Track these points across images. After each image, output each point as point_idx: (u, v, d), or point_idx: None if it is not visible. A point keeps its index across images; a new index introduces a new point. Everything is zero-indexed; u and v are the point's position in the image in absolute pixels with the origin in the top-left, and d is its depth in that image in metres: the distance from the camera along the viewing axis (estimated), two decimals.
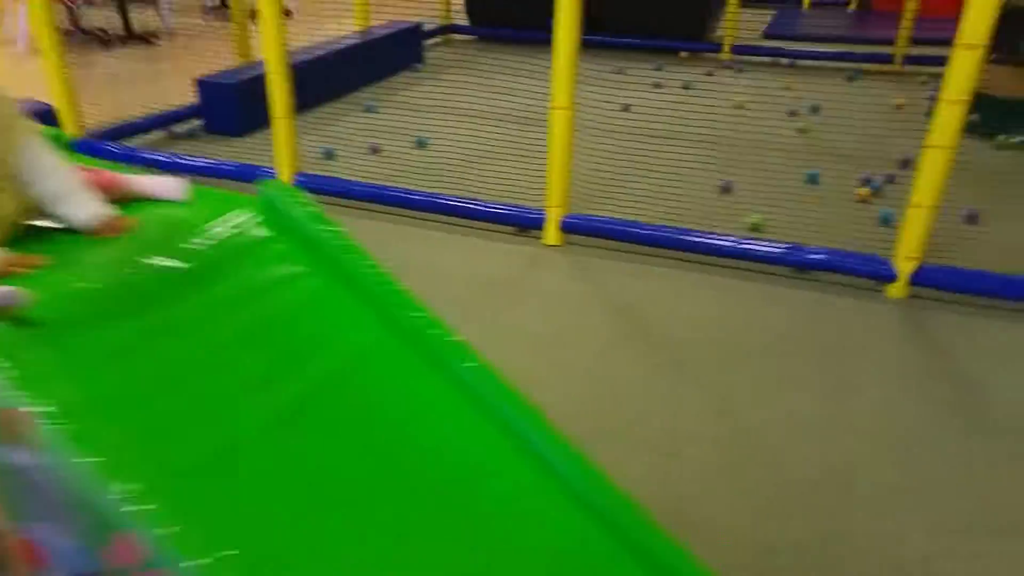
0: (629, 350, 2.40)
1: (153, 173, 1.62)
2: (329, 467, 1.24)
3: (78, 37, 6.50)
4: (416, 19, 5.81)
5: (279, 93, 3.23)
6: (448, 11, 6.75)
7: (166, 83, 4.53)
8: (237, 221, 1.49)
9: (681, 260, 2.89)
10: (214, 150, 3.91)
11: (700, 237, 2.86)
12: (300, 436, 1.25)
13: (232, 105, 4.15)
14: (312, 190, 3.28)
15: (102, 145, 3.85)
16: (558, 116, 2.84)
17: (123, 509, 1.04)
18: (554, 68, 2.78)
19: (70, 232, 1.38)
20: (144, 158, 3.78)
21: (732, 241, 2.84)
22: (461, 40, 6.78)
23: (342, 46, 5.04)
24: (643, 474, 1.85)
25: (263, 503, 1.16)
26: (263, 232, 1.49)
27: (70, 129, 3.84)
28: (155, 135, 4.21)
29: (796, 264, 2.78)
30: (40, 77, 3.74)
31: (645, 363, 2.33)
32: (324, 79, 4.63)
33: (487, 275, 2.83)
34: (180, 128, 4.31)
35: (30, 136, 1.37)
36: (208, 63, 4.49)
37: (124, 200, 1.50)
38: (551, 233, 3.01)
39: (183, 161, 3.67)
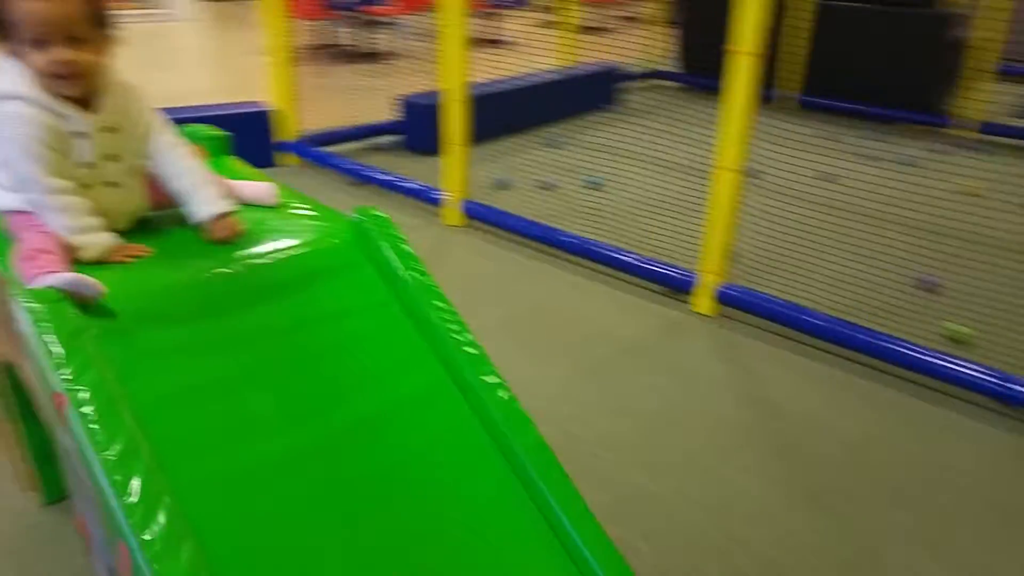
0: (757, 458, 2.07)
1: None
2: (350, 504, 1.17)
3: (329, 52, 7.18)
4: (625, 61, 5.75)
5: (456, 121, 3.28)
6: (661, 56, 6.64)
7: (383, 99, 4.77)
8: (327, 240, 1.47)
9: (851, 361, 2.49)
10: (404, 166, 4.04)
11: (883, 340, 2.43)
12: (331, 467, 1.20)
13: (428, 125, 4.28)
14: (473, 216, 3.33)
15: (308, 148, 4.14)
16: (724, 177, 2.61)
17: (127, 514, 1.02)
18: (724, 125, 2.56)
19: (184, 226, 1.42)
20: (336, 164, 4.02)
21: (924, 352, 2.37)
22: (666, 87, 6.60)
23: (535, 81, 5.10)
24: None
25: (272, 528, 1.12)
26: (350, 256, 1.46)
27: (287, 131, 4.17)
28: (357, 145, 4.46)
29: (1003, 397, 2.24)
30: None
31: (772, 479, 1.98)
32: (512, 111, 4.71)
33: (621, 332, 2.64)
34: (383, 141, 4.54)
35: (165, 134, 1.43)
36: (422, 83, 4.69)
37: None
38: (702, 301, 2.76)
39: (369, 173, 3.85)
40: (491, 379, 1.32)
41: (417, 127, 4.37)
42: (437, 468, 1.26)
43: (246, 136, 4.12)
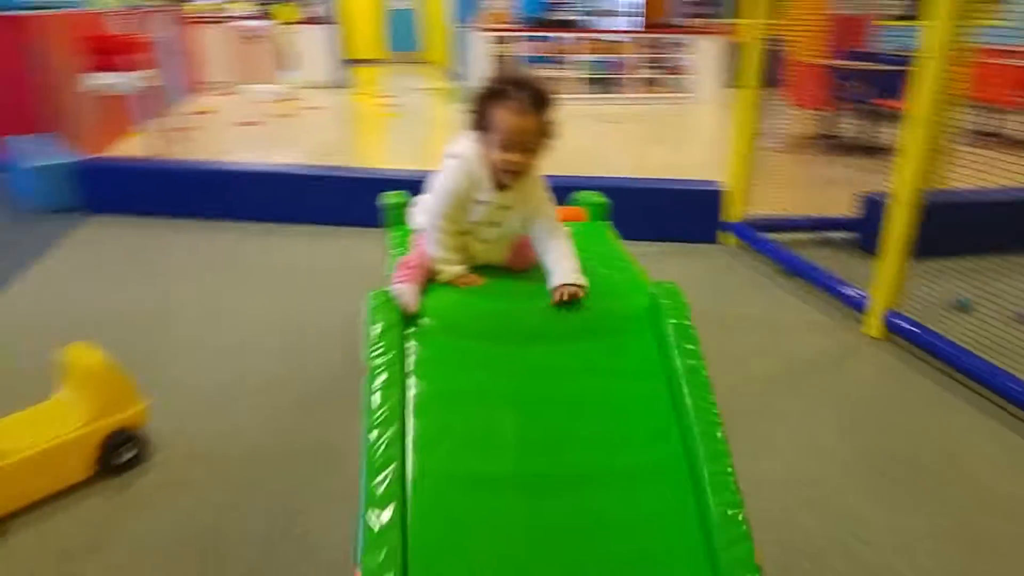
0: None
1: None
2: (546, 544, 1.25)
3: (827, 142, 7.01)
4: None
5: (899, 224, 2.96)
6: None
7: (852, 193, 4.50)
8: (623, 305, 1.54)
9: None
10: (847, 266, 3.76)
11: None
12: (542, 503, 1.30)
13: (872, 224, 3.92)
14: (895, 331, 2.93)
15: (749, 231, 4.15)
16: None
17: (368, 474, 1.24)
18: None
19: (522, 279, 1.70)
20: (771, 251, 3.94)
21: None
22: None
23: None
24: None
25: (475, 536, 1.25)
26: (638, 324, 1.51)
27: (733, 212, 4.25)
28: (808, 236, 4.28)
29: None
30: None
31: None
32: (1004, 224, 3.98)
33: None
34: (835, 236, 4.29)
35: (547, 217, 1.72)
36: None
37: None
38: None
39: (799, 264, 3.71)
40: (720, 470, 1.24)
41: (872, 226, 4.02)
42: (636, 539, 1.24)
43: (695, 211, 4.35)
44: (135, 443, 2.20)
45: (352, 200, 4.10)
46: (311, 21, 11.05)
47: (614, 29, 10.39)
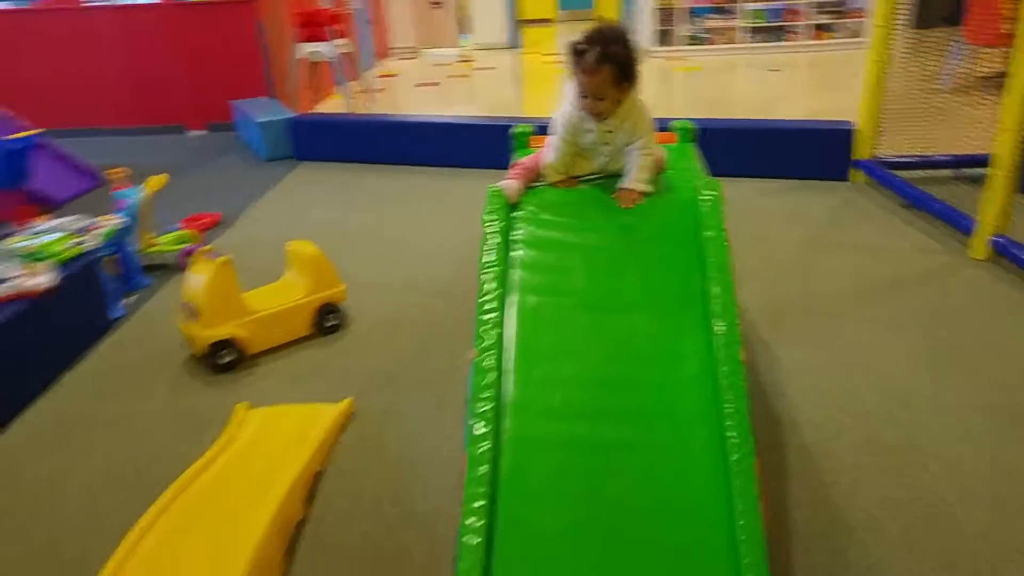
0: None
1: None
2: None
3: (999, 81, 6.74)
4: None
5: (1009, 150, 3.16)
6: None
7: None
8: (677, 194, 2.07)
9: None
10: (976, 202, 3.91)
11: None
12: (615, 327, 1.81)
13: None
14: (1001, 252, 3.15)
15: (876, 169, 4.37)
16: None
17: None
18: None
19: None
20: (897, 187, 4.15)
21: None
22: None
23: None
24: None
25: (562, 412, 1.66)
26: (687, 211, 2.03)
27: (862, 150, 4.47)
28: (940, 173, 4.41)
29: None
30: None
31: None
32: None
33: None
34: (973, 173, 4.38)
35: (639, 138, 2.15)
36: None
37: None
38: None
39: (919, 197, 3.91)
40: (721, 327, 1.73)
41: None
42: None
43: (826, 150, 4.60)
44: (338, 313, 3.01)
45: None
46: None
47: None
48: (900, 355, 2.67)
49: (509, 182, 2.16)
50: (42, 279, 2.74)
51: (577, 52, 1.99)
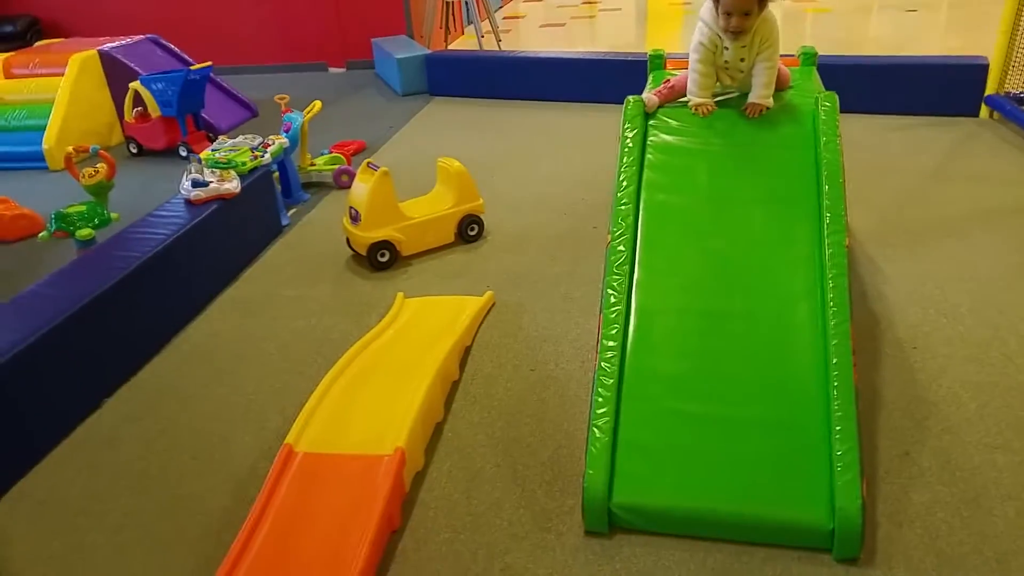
0: None
1: None
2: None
3: None
4: None
5: None
6: None
7: None
8: (799, 106, 2.30)
9: None
10: None
11: None
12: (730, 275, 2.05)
13: None
14: None
15: (1005, 104, 4.33)
16: None
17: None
18: None
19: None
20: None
21: None
22: None
23: None
24: None
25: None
26: (807, 121, 2.25)
27: (995, 85, 4.43)
28: None
29: None
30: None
31: None
32: None
33: None
34: None
35: (768, 55, 2.37)
36: None
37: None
38: None
39: None
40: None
41: None
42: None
43: (957, 84, 4.57)
44: (479, 224, 3.39)
45: (636, 80, 4.95)
46: None
47: None
48: (1002, 272, 2.82)
49: (649, 95, 2.44)
50: (231, 184, 3.25)
51: None
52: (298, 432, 2.01)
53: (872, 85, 4.73)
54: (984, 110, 4.56)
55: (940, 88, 4.68)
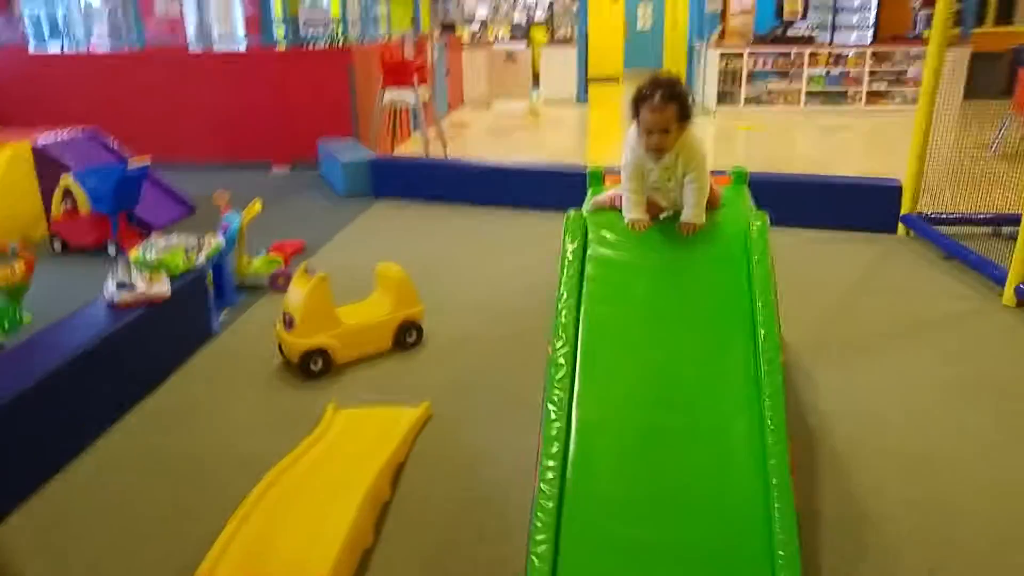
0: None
1: None
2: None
3: None
4: None
5: None
6: None
7: None
8: (729, 230, 2.34)
9: None
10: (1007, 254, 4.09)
11: None
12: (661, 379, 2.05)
13: None
14: None
15: (918, 223, 4.58)
16: None
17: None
18: None
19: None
20: (936, 239, 4.35)
21: None
22: None
23: None
24: None
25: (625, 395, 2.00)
26: (735, 243, 2.30)
27: (910, 205, 4.68)
28: (976, 230, 4.60)
29: None
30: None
31: None
32: None
33: None
34: (1007, 229, 4.52)
35: (693, 175, 2.43)
36: None
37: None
38: None
39: (955, 249, 4.14)
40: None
41: None
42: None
43: (876, 203, 4.81)
44: (417, 330, 3.34)
45: (576, 191, 5.08)
46: (559, 43, 12.32)
47: (848, 44, 10.52)
48: (929, 383, 2.91)
49: (597, 198, 2.51)
50: (161, 287, 3.13)
51: (643, 95, 2.31)
52: (213, 563, 1.85)
53: (799, 201, 4.95)
54: (901, 228, 4.80)
55: (861, 206, 4.94)
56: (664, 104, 2.27)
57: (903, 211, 4.77)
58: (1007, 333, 3.37)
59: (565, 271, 2.24)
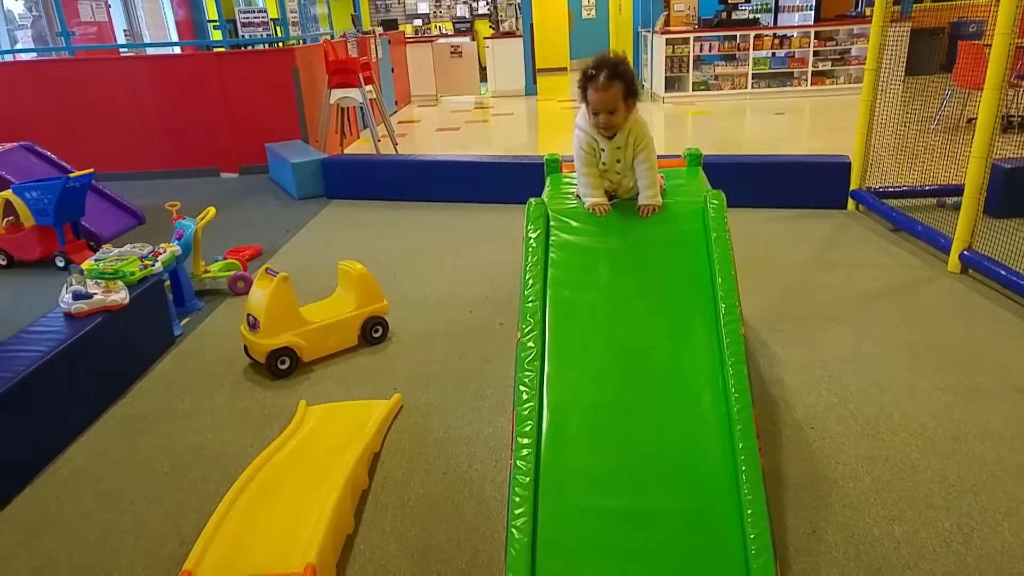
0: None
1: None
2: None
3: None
4: None
5: (977, 177, 3.52)
6: None
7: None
8: (687, 207, 2.42)
9: None
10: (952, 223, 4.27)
11: None
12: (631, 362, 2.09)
13: (999, 189, 4.34)
14: (968, 263, 3.49)
15: (866, 197, 4.72)
16: None
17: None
18: None
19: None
20: (884, 212, 4.50)
21: None
22: None
23: None
24: None
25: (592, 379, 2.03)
26: (694, 219, 2.37)
27: (855, 182, 4.84)
28: (922, 202, 4.78)
29: None
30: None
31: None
32: None
33: None
34: (951, 200, 4.71)
35: (644, 155, 2.49)
36: None
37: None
38: None
39: (902, 221, 4.28)
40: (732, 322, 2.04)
41: (993, 190, 4.44)
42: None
43: (826, 180, 4.95)
44: (383, 325, 3.35)
45: (531, 182, 5.13)
46: (504, 35, 12.33)
47: (792, 25, 10.73)
48: (882, 351, 3.02)
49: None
50: (118, 295, 3.09)
51: (589, 76, 2.34)
52: (198, 557, 1.86)
53: (752, 182, 5.08)
54: (851, 203, 4.96)
55: (812, 184, 5.08)
56: (609, 83, 2.30)
57: (852, 187, 4.93)
58: (953, 298, 3.51)
59: (529, 258, 2.28)
